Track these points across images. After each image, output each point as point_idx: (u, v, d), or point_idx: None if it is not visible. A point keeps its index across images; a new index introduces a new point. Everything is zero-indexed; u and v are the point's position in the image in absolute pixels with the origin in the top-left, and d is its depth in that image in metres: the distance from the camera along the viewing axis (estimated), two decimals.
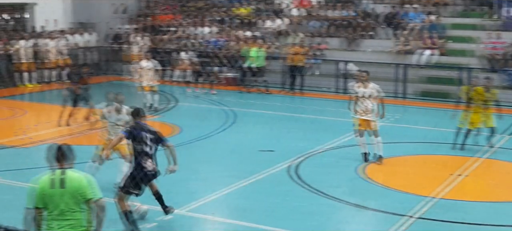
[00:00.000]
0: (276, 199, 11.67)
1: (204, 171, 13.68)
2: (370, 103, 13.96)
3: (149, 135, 9.54)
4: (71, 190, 6.86)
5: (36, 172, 8.31)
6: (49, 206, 6.87)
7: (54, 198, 6.84)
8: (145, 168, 9.53)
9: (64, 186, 6.85)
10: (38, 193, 6.90)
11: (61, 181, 6.86)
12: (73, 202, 6.88)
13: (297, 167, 13.80)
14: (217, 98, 22.91)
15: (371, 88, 13.98)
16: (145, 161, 9.51)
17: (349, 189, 12.62)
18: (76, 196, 6.88)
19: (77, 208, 6.91)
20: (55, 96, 24.31)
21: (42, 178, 6.97)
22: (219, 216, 10.89)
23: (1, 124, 18.21)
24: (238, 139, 16.54)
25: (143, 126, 9.65)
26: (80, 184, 6.89)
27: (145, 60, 20.25)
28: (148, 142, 9.51)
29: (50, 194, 6.85)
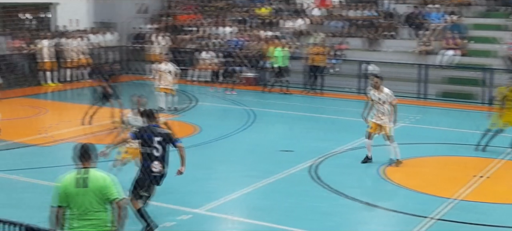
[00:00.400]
0: (295, 199, 11.66)
1: (223, 171, 13.70)
2: (382, 108, 13.83)
3: (158, 137, 9.57)
4: (93, 189, 6.90)
5: (57, 171, 8.43)
6: (72, 205, 6.92)
7: (76, 197, 6.89)
8: (152, 170, 9.58)
9: (86, 186, 6.89)
10: (61, 192, 6.95)
11: (84, 180, 6.90)
12: (95, 202, 6.92)
13: (317, 167, 13.77)
14: (237, 98, 22.95)
15: (385, 94, 13.84)
16: (153, 163, 9.57)
17: (368, 189, 12.58)
18: (99, 196, 6.91)
19: (99, 207, 6.95)
20: (77, 95, 24.54)
21: (66, 177, 7.02)
22: (237, 215, 10.90)
23: (24, 122, 18.39)
24: (258, 139, 16.55)
25: (154, 128, 9.69)
26: (102, 184, 6.93)
27: (164, 63, 20.09)
28: (156, 145, 9.55)
29: (72, 193, 6.89)
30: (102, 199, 6.95)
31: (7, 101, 21.47)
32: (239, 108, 21.10)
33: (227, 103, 22.30)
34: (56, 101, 23.63)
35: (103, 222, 7.01)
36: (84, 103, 22.34)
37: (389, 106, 13.82)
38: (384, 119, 13.83)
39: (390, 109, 13.84)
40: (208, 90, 24.69)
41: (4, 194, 11.75)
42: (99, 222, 6.97)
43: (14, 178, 12.61)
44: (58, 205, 6.96)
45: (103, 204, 6.98)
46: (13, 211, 10.11)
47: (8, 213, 8.70)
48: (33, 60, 25.26)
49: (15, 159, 14.40)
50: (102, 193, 6.92)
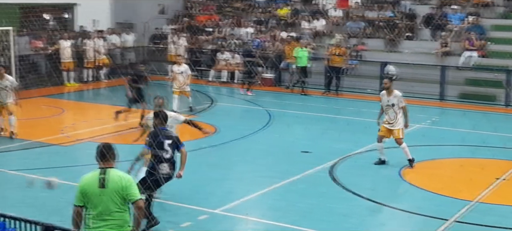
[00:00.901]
0: (312, 200, 11.64)
1: (240, 171, 13.72)
2: (393, 112, 13.74)
3: (168, 140, 9.76)
4: (113, 190, 6.91)
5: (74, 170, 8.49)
6: (91, 205, 6.94)
7: (96, 198, 6.91)
8: (160, 171, 9.69)
9: (105, 186, 6.90)
10: (79, 192, 6.98)
11: (102, 180, 6.91)
12: (115, 202, 6.93)
13: (334, 168, 13.74)
14: (254, 99, 22.97)
15: (394, 97, 13.74)
16: (161, 165, 9.69)
17: (385, 191, 12.53)
18: (118, 196, 6.93)
19: (117, 208, 6.96)
20: (95, 95, 24.72)
21: (85, 177, 7.05)
22: (254, 216, 10.90)
23: (42, 122, 18.54)
24: (274, 140, 16.55)
25: (163, 131, 9.83)
26: (122, 185, 6.94)
27: (177, 65, 19.96)
28: (166, 147, 9.73)
29: (92, 193, 6.91)
30: (122, 199, 6.96)
31: (27, 101, 21.63)
32: (256, 109, 21.12)
33: (245, 104, 22.33)
34: (75, 101, 23.80)
35: (122, 222, 7.02)
36: (103, 103, 22.57)
37: (398, 110, 13.70)
38: (394, 122, 13.72)
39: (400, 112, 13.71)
40: (233, 91, 24.69)
41: (23, 192, 11.85)
42: (118, 222, 6.99)
43: (32, 177, 12.70)
44: (77, 204, 7.00)
45: (122, 204, 6.99)
46: (31, 210, 10.19)
47: (26, 211, 8.79)
48: (53, 60, 25.46)
49: (34, 158, 14.52)
50: (121, 193, 6.94)
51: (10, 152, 15.15)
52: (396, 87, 14.02)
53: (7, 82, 16.15)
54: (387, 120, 13.83)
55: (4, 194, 11.73)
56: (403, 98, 13.82)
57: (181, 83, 19.56)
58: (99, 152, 7.02)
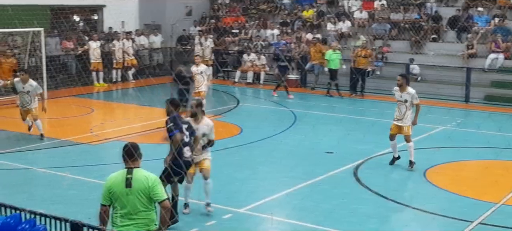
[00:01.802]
0: (336, 201, 11.70)
1: (263, 172, 13.82)
2: (404, 107, 13.76)
3: (185, 125, 10.01)
4: (138, 190, 6.97)
5: (102, 169, 8.67)
6: (118, 204, 7.02)
7: (120, 197, 6.98)
8: (184, 156, 9.87)
9: (131, 186, 6.96)
10: (105, 191, 7.08)
11: (129, 180, 6.98)
12: (141, 202, 7.00)
13: (357, 169, 13.79)
14: (278, 100, 23.06)
15: (407, 94, 13.76)
16: (183, 149, 9.85)
17: (409, 192, 12.56)
18: (144, 196, 6.99)
19: (143, 207, 7.03)
20: (122, 96, 25.00)
21: (112, 176, 7.13)
22: (278, 216, 10.98)
23: (70, 121, 18.81)
24: (299, 140, 16.61)
25: (179, 117, 10.01)
26: (148, 185, 6.99)
27: (196, 65, 19.37)
28: (185, 131, 9.94)
29: (118, 192, 6.98)
30: (147, 199, 7.02)
31: (56, 100, 22.01)
32: (281, 110, 21.21)
33: (269, 105, 22.43)
34: (104, 101, 24.11)
35: (149, 222, 7.09)
36: (130, 103, 22.84)
37: (410, 106, 13.73)
38: (402, 118, 13.77)
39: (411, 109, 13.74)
40: (258, 92, 24.75)
41: (51, 190, 12.10)
42: (144, 222, 7.06)
43: (61, 175, 12.96)
44: (104, 203, 7.10)
45: (148, 204, 7.05)
46: (59, 207, 10.40)
47: (55, 209, 9.00)
48: (81, 61, 25.83)
49: (62, 156, 14.78)
50: (147, 193, 6.99)
51: (40, 150, 15.44)
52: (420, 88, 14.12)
53: (30, 87, 16.20)
54: (396, 116, 13.91)
55: (34, 192, 11.98)
56: (417, 95, 13.82)
57: (199, 83, 19.16)
58: (125, 152, 7.08)
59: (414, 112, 13.83)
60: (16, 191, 11.97)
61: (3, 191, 11.70)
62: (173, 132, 9.81)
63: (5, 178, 13.16)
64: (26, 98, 16.16)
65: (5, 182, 12.71)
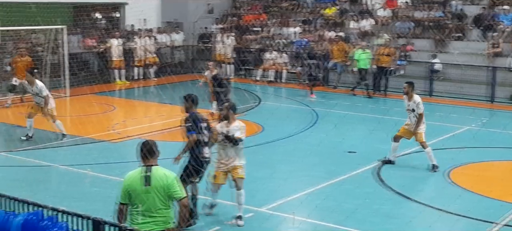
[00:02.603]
0: (358, 201, 11.59)
1: (285, 171, 13.74)
2: (414, 117, 13.68)
3: (204, 123, 9.94)
4: (157, 187, 6.97)
5: (123, 166, 8.65)
6: (135, 202, 7.02)
7: (140, 195, 6.98)
8: (204, 156, 9.86)
9: (149, 183, 6.96)
10: (124, 189, 7.08)
11: (147, 178, 6.98)
12: (159, 199, 6.99)
13: (380, 169, 13.66)
14: (300, 98, 22.96)
15: (413, 102, 13.66)
16: (202, 148, 9.85)
17: (432, 192, 12.41)
18: (162, 194, 6.98)
19: (162, 205, 7.02)
20: (144, 93, 25.08)
21: (130, 174, 7.13)
22: (299, 215, 10.90)
23: (93, 119, 18.88)
24: (320, 139, 16.49)
25: (198, 115, 9.97)
26: (166, 182, 6.99)
27: (209, 71, 18.81)
28: (204, 131, 9.89)
29: (137, 190, 6.98)
30: (166, 196, 7.01)
31: (77, 98, 22.14)
32: (303, 108, 21.12)
33: (291, 103, 22.35)
34: (125, 99, 24.19)
35: (167, 219, 7.09)
36: (151, 101, 22.89)
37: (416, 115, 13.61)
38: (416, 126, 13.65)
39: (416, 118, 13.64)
40: (280, 90, 24.65)
41: (73, 187, 12.14)
42: (163, 219, 7.06)
43: (82, 172, 13.00)
44: (121, 202, 7.10)
45: (166, 202, 7.04)
46: (81, 204, 10.40)
47: (77, 206, 8.99)
48: (103, 58, 25.94)
49: (84, 154, 14.84)
50: (165, 191, 6.99)
51: (62, 147, 15.52)
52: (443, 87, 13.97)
53: (37, 89, 15.74)
54: (407, 123, 13.84)
55: (56, 189, 12.04)
56: (421, 105, 13.68)
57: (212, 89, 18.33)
58: (142, 150, 7.07)
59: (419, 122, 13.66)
60: (39, 188, 12.04)
61: (26, 187, 11.78)
62: (191, 132, 9.80)
63: (28, 175, 13.25)
64: (37, 100, 15.80)
65: (28, 179, 12.79)
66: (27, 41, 24.31)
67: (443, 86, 23.88)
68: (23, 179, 12.70)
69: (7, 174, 13.51)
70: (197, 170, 9.78)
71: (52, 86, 22.76)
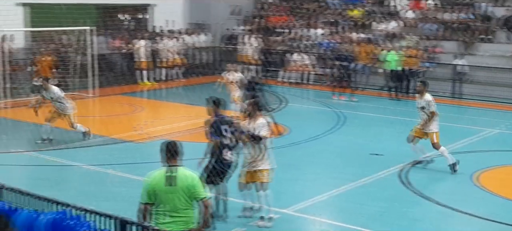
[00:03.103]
0: (384, 204, 11.52)
1: (311, 172, 13.70)
2: (424, 115, 13.61)
3: (225, 126, 9.88)
4: (181, 188, 6.99)
5: (150, 166, 8.64)
6: (160, 202, 7.04)
7: (164, 195, 7.00)
8: (225, 159, 9.85)
9: (174, 184, 6.98)
10: (148, 189, 7.09)
11: (171, 178, 7.00)
12: (183, 200, 7.01)
13: (407, 172, 13.55)
14: (326, 100, 22.87)
15: (424, 100, 13.57)
16: (225, 152, 9.83)
17: (460, 196, 12.26)
18: (186, 194, 7.00)
19: (187, 205, 7.04)
20: (171, 94, 25.18)
21: (154, 174, 7.16)
22: (325, 217, 10.88)
23: (121, 119, 19.03)
24: (347, 141, 16.45)
25: (223, 118, 9.94)
26: (189, 182, 7.01)
27: (231, 73, 18.52)
28: (228, 134, 9.84)
29: (161, 190, 7.00)
30: (190, 197, 7.03)
31: (105, 98, 22.32)
32: (328, 110, 21.03)
33: (316, 105, 22.28)
34: (151, 100, 24.31)
35: (190, 220, 7.11)
36: (176, 102, 22.98)
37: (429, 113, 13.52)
38: (426, 125, 13.57)
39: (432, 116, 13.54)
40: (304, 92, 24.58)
41: (100, 187, 12.23)
42: (184, 219, 7.08)
43: (109, 172, 13.08)
44: (145, 202, 7.12)
45: (190, 202, 7.07)
46: (108, 204, 10.47)
47: (104, 205, 9.03)
48: (131, 59, 26.12)
49: (111, 154, 14.94)
50: (189, 191, 7.01)
51: (87, 147, 15.63)
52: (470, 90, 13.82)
53: (53, 95, 15.55)
54: (420, 122, 13.74)
55: (82, 188, 12.12)
56: (433, 103, 13.58)
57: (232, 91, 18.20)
58: (168, 150, 7.09)
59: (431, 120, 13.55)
60: (65, 187, 12.14)
61: (53, 187, 11.88)
62: (211, 137, 9.84)
63: (54, 174, 13.38)
64: (56, 105, 15.60)
65: (55, 178, 12.91)
66: (56, 42, 24.57)
67: (471, 88, 23.63)
68: (50, 178, 12.83)
69: (34, 173, 13.68)
70: (218, 172, 9.78)
71: (80, 87, 23.00)
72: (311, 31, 28.93)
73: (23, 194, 7.85)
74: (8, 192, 8.03)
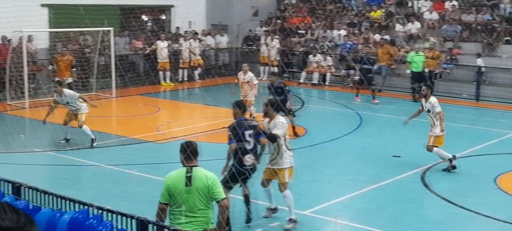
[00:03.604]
0: (403, 206, 11.47)
1: (329, 174, 13.68)
2: (430, 118, 13.73)
3: (249, 130, 9.84)
4: (198, 188, 7.01)
5: (168, 167, 8.71)
6: (177, 202, 7.06)
7: (180, 195, 7.02)
8: (244, 163, 9.78)
9: (191, 184, 7.00)
10: (165, 189, 7.14)
11: (188, 178, 7.02)
12: (200, 200, 7.03)
13: (425, 173, 13.48)
14: (345, 102, 22.80)
15: (429, 103, 13.73)
16: (245, 156, 9.77)
17: (480, 198, 12.16)
18: (203, 194, 7.02)
19: (201, 206, 7.06)
20: (189, 95, 25.26)
21: (171, 175, 7.19)
22: (343, 219, 10.85)
23: (139, 120, 19.13)
24: (364, 143, 16.39)
25: (245, 122, 9.90)
26: (207, 183, 7.02)
27: (243, 73, 18.40)
28: (248, 138, 9.81)
29: (178, 191, 7.03)
30: (206, 197, 7.05)
31: (124, 99, 22.45)
32: (347, 112, 20.97)
33: (334, 106, 22.23)
34: (170, 100, 24.41)
35: (207, 220, 7.14)
36: (196, 103, 23.05)
37: (434, 116, 13.62)
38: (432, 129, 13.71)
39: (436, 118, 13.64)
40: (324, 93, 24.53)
41: (119, 187, 12.31)
42: (202, 220, 7.10)
43: (129, 172, 13.16)
44: (162, 202, 7.16)
45: (206, 203, 7.08)
46: (127, 203, 10.53)
47: (122, 205, 9.09)
48: (149, 60, 26.26)
49: (130, 154, 15.02)
50: (207, 192, 7.03)
51: (108, 147, 15.74)
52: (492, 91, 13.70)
53: (67, 98, 15.38)
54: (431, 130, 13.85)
55: (102, 188, 12.21)
56: (437, 104, 13.72)
57: (246, 92, 18.11)
58: (186, 150, 7.12)
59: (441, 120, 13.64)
60: (85, 186, 12.24)
61: (74, 186, 12.00)
62: (230, 141, 9.83)
63: (74, 174, 13.49)
64: (70, 108, 15.56)
65: (75, 178, 13.02)
66: (80, 42, 24.78)
67: (491, 90, 23.43)
68: (70, 178, 12.94)
69: (54, 173, 13.81)
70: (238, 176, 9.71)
71: (99, 87, 23.16)
72: (333, 33, 28.84)
73: (45, 193, 7.94)
74: (29, 190, 8.13)
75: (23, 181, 8.30)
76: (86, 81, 23.26)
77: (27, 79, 20.96)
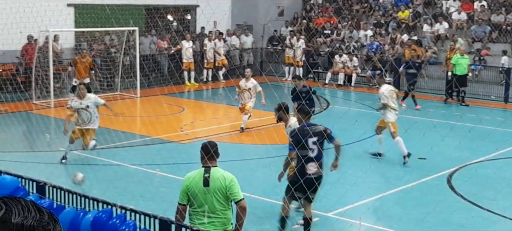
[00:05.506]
0: (427, 208, 11.32)
1: (353, 176, 13.53)
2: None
3: (313, 138, 9.27)
4: (216, 189, 7.00)
5: (191, 167, 8.69)
6: (196, 202, 7.06)
7: (198, 196, 7.02)
8: (307, 172, 9.25)
9: (208, 185, 6.99)
10: (183, 190, 7.14)
11: (206, 179, 7.01)
12: (218, 201, 7.02)
13: (451, 176, 13.31)
14: (369, 102, 22.62)
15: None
16: (308, 164, 9.26)
17: (506, 202, 11.97)
18: (221, 195, 7.01)
19: (220, 206, 7.05)
20: (213, 95, 25.28)
21: (189, 175, 7.19)
22: (366, 221, 10.75)
23: (163, 120, 19.17)
24: (389, 145, 16.19)
25: (308, 128, 9.35)
26: (225, 184, 7.01)
27: (245, 79, 17.81)
28: (311, 146, 9.27)
29: (195, 191, 7.03)
30: (225, 198, 7.04)
31: (148, 99, 22.53)
32: (372, 113, 20.78)
33: (359, 108, 22.06)
34: (193, 100, 24.45)
35: (226, 221, 7.12)
36: (220, 103, 23.06)
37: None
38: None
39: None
40: (349, 94, 24.41)
41: (142, 187, 12.33)
42: (221, 221, 7.09)
43: (151, 172, 13.18)
44: (181, 202, 7.15)
45: (225, 203, 7.07)
46: (149, 203, 10.56)
47: (145, 205, 9.13)
48: (174, 60, 26.34)
49: (154, 154, 15.07)
50: (224, 192, 7.01)
51: (132, 147, 15.80)
52: None
53: (89, 102, 13.78)
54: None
55: (126, 187, 12.25)
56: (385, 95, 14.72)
57: (245, 100, 17.51)
58: (208, 150, 7.10)
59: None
60: (109, 186, 12.27)
61: (98, 185, 12.04)
62: (289, 148, 9.43)
63: (98, 173, 13.54)
64: (85, 115, 13.70)
65: (100, 177, 13.07)
66: (106, 42, 24.93)
67: None
68: (94, 177, 12.97)
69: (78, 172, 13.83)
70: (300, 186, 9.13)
71: (124, 87, 23.28)
72: (360, 33, 28.67)
73: (69, 192, 7.98)
74: (53, 189, 8.17)
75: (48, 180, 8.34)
76: (111, 81, 23.39)
77: (52, 78, 21.12)
